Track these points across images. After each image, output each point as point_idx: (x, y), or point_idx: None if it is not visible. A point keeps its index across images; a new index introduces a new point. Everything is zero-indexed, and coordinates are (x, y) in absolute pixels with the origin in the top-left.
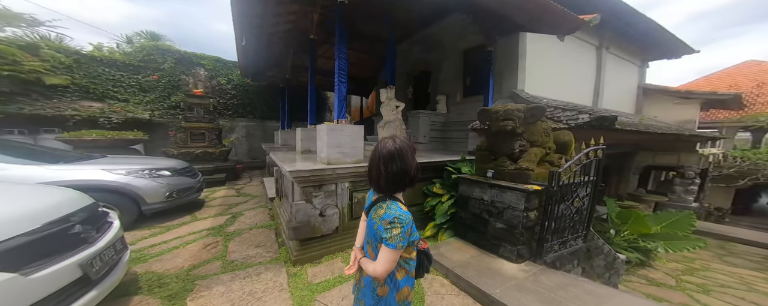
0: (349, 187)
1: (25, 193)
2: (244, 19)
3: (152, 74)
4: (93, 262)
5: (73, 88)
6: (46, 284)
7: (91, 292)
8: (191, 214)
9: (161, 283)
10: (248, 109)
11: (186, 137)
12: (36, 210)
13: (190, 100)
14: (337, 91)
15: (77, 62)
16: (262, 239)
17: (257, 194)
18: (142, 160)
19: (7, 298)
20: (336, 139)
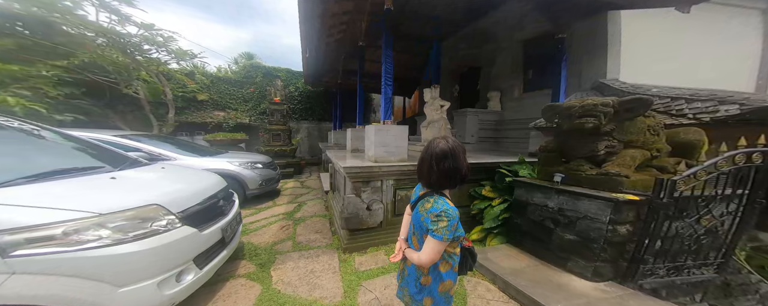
0: (393, 184)
1: (195, 176)
2: (307, 33)
3: (250, 87)
4: (227, 229)
5: (210, 101)
6: (208, 239)
7: (224, 251)
8: (272, 201)
9: (256, 253)
10: (309, 113)
11: (269, 137)
12: (204, 188)
13: (272, 107)
14: (384, 93)
15: (211, 82)
16: (319, 227)
17: (315, 187)
18: (245, 155)
19: (193, 244)
20: (382, 139)
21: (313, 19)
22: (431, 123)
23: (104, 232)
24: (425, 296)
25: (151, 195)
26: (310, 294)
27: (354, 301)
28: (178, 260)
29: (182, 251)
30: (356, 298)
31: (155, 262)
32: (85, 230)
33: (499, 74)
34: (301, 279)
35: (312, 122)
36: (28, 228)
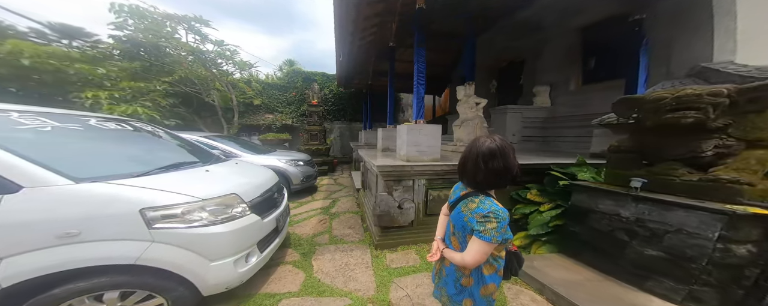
0: (425, 184)
1: (256, 171)
2: (341, 38)
3: (292, 91)
4: (280, 218)
5: (262, 105)
6: (267, 226)
7: (277, 238)
8: (311, 196)
9: (299, 243)
10: (341, 114)
11: (307, 137)
12: (263, 182)
13: (310, 108)
14: (416, 92)
15: (263, 88)
16: (352, 222)
17: (347, 185)
18: (290, 153)
19: (257, 230)
20: (414, 138)
21: (347, 24)
22: (465, 122)
23: (204, 214)
24: (465, 297)
25: (231, 186)
26: (345, 285)
27: (386, 296)
28: (248, 243)
29: (250, 236)
30: (388, 294)
31: (234, 242)
32: (193, 212)
33: (547, 67)
34: (338, 271)
35: (344, 122)
36: (163, 207)
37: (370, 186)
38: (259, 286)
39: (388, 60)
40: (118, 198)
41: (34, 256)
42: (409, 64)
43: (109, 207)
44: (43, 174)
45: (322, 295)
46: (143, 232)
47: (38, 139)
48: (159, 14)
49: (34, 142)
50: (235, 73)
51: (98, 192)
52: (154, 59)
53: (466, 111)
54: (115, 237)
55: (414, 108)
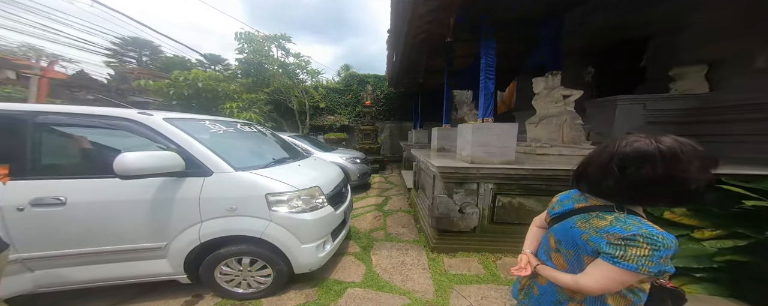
0: (493, 188)
1: (329, 167)
2: (396, 39)
3: (348, 94)
4: (346, 211)
5: (326, 108)
6: (338, 218)
7: (344, 230)
8: (365, 192)
9: (358, 236)
10: (391, 113)
11: (361, 136)
12: (335, 177)
13: (364, 109)
14: (483, 88)
15: (327, 92)
16: (405, 221)
17: (398, 183)
18: (349, 152)
19: (332, 221)
20: (481, 138)
21: (401, 25)
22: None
23: (300, 202)
24: None
25: (314, 179)
26: (403, 284)
27: (446, 301)
28: (325, 231)
29: (327, 225)
30: (449, 300)
31: (317, 229)
32: (293, 199)
33: (703, 40)
34: (395, 268)
35: (393, 122)
36: (278, 193)
37: (423, 186)
38: (329, 272)
39: (444, 57)
40: (255, 184)
41: (216, 222)
42: (465, 60)
43: (251, 190)
44: (222, 164)
45: (381, 290)
46: (266, 212)
47: (217, 139)
48: (260, 37)
49: (215, 140)
50: (307, 80)
51: (246, 178)
52: (259, 74)
53: (547, 106)
54: (253, 214)
55: (480, 105)
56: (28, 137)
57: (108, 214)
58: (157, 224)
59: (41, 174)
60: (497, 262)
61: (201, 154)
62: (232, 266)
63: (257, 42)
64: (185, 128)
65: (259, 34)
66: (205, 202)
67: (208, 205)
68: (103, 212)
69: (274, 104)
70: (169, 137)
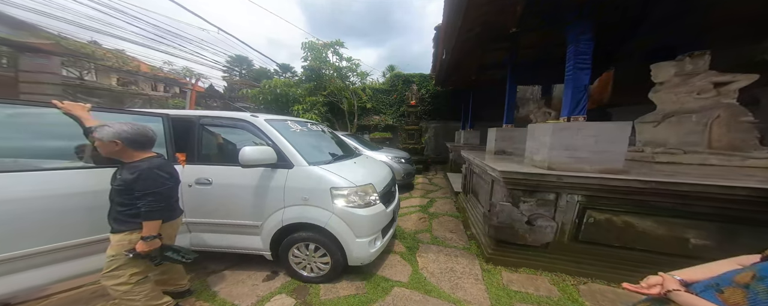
0: (581, 201)
1: (379, 165)
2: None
3: (393, 94)
4: (395, 210)
5: (372, 108)
6: (388, 216)
7: (392, 228)
8: (409, 193)
9: (403, 236)
10: (437, 113)
11: (405, 136)
12: (385, 176)
13: (408, 109)
14: (573, 80)
15: (373, 93)
16: (452, 226)
17: (442, 186)
18: (393, 151)
19: (383, 218)
20: (566, 141)
21: (455, 18)
22: (677, 116)
23: (356, 198)
24: None
25: (368, 177)
26: (453, 292)
27: None
28: (377, 228)
29: (379, 222)
30: None
31: (370, 225)
32: (352, 195)
33: None
34: (443, 274)
35: (439, 122)
36: (340, 188)
37: (475, 191)
38: (377, 268)
39: (505, 50)
40: (323, 178)
41: (294, 209)
42: (532, 51)
43: (319, 184)
44: (300, 158)
45: (429, 294)
46: (330, 205)
47: (295, 137)
48: (320, 44)
49: (294, 138)
50: (357, 82)
51: (316, 173)
52: (317, 79)
53: (680, 99)
54: (320, 205)
55: (567, 101)
56: (196, 134)
57: (233, 194)
58: (258, 206)
59: (201, 161)
60: (579, 287)
61: (287, 149)
62: (301, 250)
63: (317, 49)
64: (277, 127)
65: (318, 42)
66: (288, 191)
67: (289, 194)
68: (230, 192)
69: (329, 105)
70: (268, 135)
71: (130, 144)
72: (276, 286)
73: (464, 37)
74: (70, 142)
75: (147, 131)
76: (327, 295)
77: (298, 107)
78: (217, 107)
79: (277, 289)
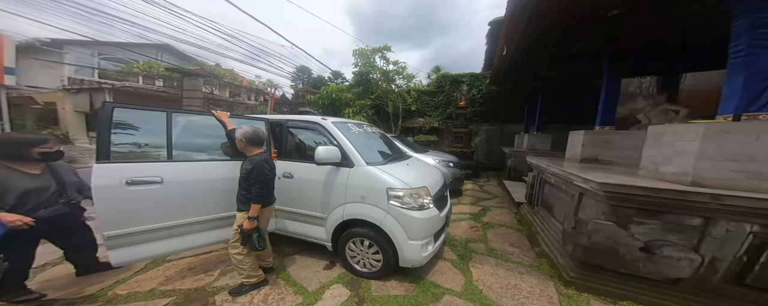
0: (755, 232)
1: (431, 169)
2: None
3: (440, 96)
4: (447, 215)
5: (416, 111)
6: (441, 220)
7: (443, 234)
8: (457, 199)
9: (453, 243)
10: (490, 115)
11: (452, 139)
12: (439, 180)
13: (457, 111)
14: (748, 63)
15: (418, 95)
16: (515, 240)
17: (497, 194)
18: (440, 154)
19: (436, 223)
20: (733, 149)
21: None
22: None
23: (411, 200)
24: None
25: (422, 180)
26: None
27: None
28: (430, 232)
29: (432, 226)
30: None
31: (423, 229)
32: (406, 196)
33: None
34: (504, 290)
35: (493, 124)
36: (395, 189)
37: (549, 204)
38: (426, 272)
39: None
40: (379, 178)
41: (353, 205)
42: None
43: (376, 183)
44: (360, 158)
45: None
46: (385, 204)
47: (355, 138)
48: (369, 50)
49: (354, 139)
50: (403, 85)
51: (373, 173)
52: (365, 83)
53: None
54: (376, 204)
55: (734, 92)
56: (283, 134)
57: (308, 187)
58: (325, 200)
59: (286, 157)
60: None
61: (349, 149)
62: (357, 245)
63: (366, 55)
64: (341, 129)
65: (368, 48)
66: (349, 188)
67: (350, 191)
68: (306, 186)
69: (376, 108)
70: (334, 136)
71: (250, 141)
72: (334, 276)
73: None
74: (217, 141)
75: (259, 131)
76: (378, 292)
77: (349, 110)
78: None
79: (335, 279)
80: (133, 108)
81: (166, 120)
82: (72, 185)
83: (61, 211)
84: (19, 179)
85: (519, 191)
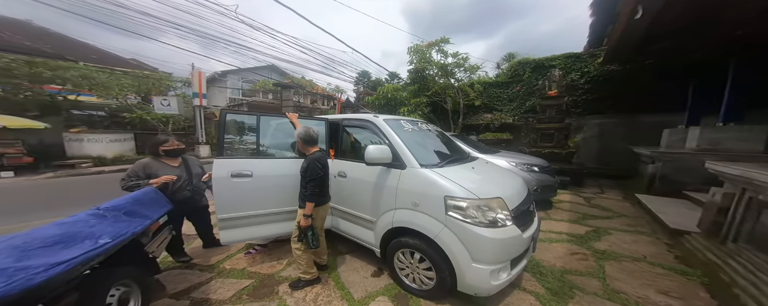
0: None
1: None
2: None
3: (515, 86)
4: (534, 237)
5: (482, 106)
6: (523, 244)
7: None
8: (545, 212)
9: (539, 272)
10: (606, 103)
11: (537, 137)
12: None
13: (543, 102)
14: None
15: (484, 88)
16: (669, 286)
17: (622, 212)
18: (518, 155)
19: (515, 245)
20: None
21: None
22: None
23: (478, 213)
24: None
25: (495, 188)
26: None
27: None
28: (505, 256)
29: (508, 249)
30: None
31: (495, 252)
32: (471, 209)
33: None
34: None
35: (610, 116)
36: (457, 198)
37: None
38: (495, 303)
39: None
40: (435, 183)
41: (404, 212)
42: None
43: (431, 189)
44: (412, 159)
45: None
46: (442, 216)
47: (407, 136)
48: (424, 46)
49: (406, 137)
50: (464, 78)
51: (428, 176)
52: (421, 80)
53: None
54: (430, 214)
55: None
56: (339, 133)
57: (359, 188)
58: (375, 203)
59: (341, 156)
60: None
61: (400, 149)
62: (406, 257)
63: (421, 51)
64: (393, 126)
65: (423, 43)
66: (400, 193)
67: (401, 196)
68: (357, 187)
69: (432, 105)
70: (385, 134)
71: (304, 141)
72: (380, 286)
73: None
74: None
75: (311, 131)
76: None
77: (404, 109)
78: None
79: (381, 290)
80: (237, 113)
81: (256, 122)
82: (197, 176)
83: (187, 196)
84: (165, 169)
85: (675, 212)
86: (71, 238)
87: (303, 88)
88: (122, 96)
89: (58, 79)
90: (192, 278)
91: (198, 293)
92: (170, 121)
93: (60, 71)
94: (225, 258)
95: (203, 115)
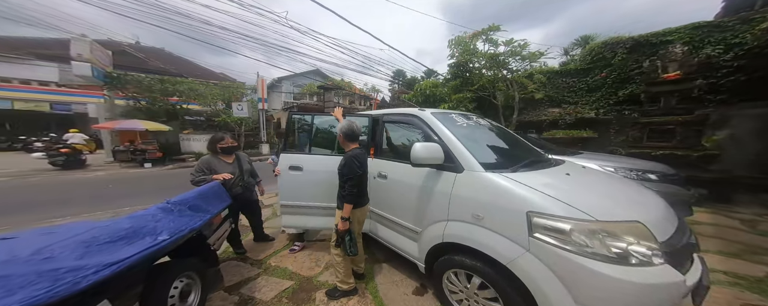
0: None
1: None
2: None
3: (600, 73)
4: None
5: (545, 99)
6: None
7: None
8: None
9: None
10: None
11: (642, 135)
12: (665, 209)
13: (653, 89)
14: None
15: (548, 79)
16: None
17: None
18: (615, 159)
19: (673, 298)
20: None
21: None
22: None
23: (594, 241)
24: None
25: (628, 209)
26: None
27: None
28: None
29: (658, 301)
30: None
31: (629, 300)
32: (581, 233)
33: None
34: None
35: None
36: (552, 217)
37: None
38: None
39: None
40: (511, 193)
41: (459, 225)
42: None
43: (505, 200)
44: (472, 161)
45: None
46: (523, 237)
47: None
48: (468, 36)
49: (461, 134)
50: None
51: (498, 183)
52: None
53: None
54: (502, 232)
55: None
56: (379, 131)
57: (401, 192)
58: (420, 211)
59: (381, 156)
60: None
61: (455, 147)
62: (461, 280)
63: (464, 43)
64: (443, 121)
65: (466, 34)
66: (454, 201)
67: (456, 205)
68: (399, 190)
69: (478, 101)
70: (434, 129)
71: (346, 137)
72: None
73: None
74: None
75: (354, 126)
76: None
77: (444, 106)
78: None
79: None
80: (297, 113)
81: (310, 121)
82: (247, 172)
83: (239, 192)
84: (221, 165)
85: None
86: (135, 234)
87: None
88: (214, 103)
89: (177, 92)
90: (244, 271)
91: (246, 290)
92: (243, 123)
93: (178, 85)
94: (272, 253)
95: (265, 118)
